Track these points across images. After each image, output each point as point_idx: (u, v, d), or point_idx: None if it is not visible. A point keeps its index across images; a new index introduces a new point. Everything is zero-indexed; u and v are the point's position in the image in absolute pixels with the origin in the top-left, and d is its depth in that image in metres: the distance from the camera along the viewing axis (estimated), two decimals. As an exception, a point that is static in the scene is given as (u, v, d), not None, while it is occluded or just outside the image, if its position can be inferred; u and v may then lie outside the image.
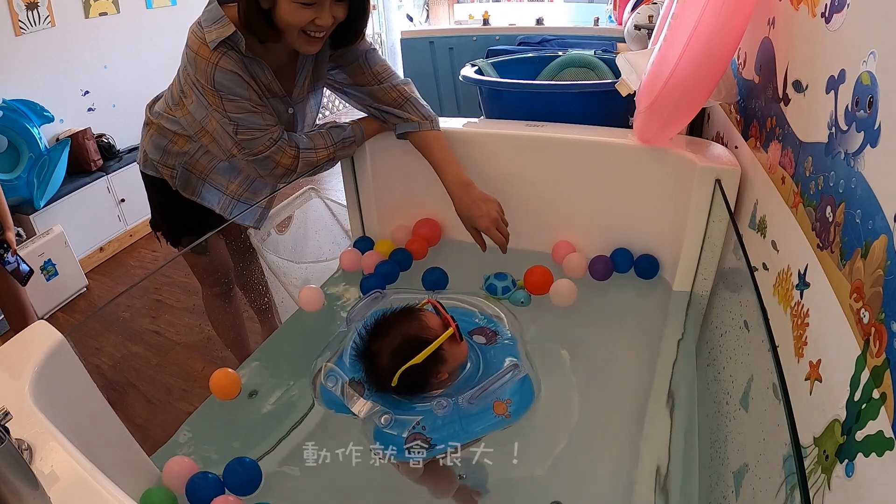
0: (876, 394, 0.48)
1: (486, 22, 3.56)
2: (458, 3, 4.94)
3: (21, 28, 2.53)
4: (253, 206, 1.28)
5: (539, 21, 3.57)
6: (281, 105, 1.15)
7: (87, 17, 2.84)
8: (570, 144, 1.20)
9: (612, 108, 1.47)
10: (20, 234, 2.37)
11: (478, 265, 1.24)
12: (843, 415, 0.53)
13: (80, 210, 2.71)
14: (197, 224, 1.29)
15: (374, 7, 4.98)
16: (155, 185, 1.29)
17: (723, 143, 1.15)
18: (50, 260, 2.45)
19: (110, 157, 2.90)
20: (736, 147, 1.08)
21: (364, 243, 1.34)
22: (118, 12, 2.99)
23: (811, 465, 0.57)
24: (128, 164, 2.87)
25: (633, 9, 2.12)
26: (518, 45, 2.70)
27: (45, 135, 2.58)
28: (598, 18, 3.51)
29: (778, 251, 0.78)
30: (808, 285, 0.66)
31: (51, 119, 2.59)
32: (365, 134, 1.24)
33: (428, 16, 5.16)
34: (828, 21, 0.67)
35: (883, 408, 0.47)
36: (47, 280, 2.44)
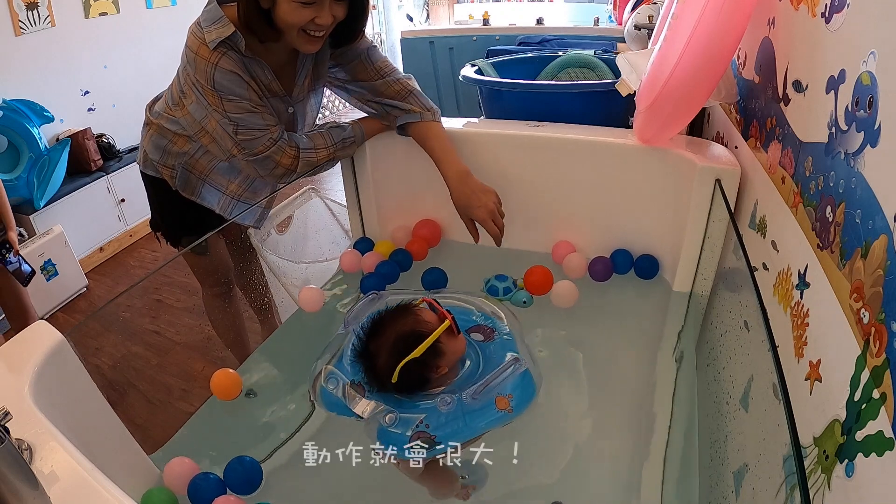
0: (876, 394, 0.48)
1: (486, 22, 3.56)
2: (458, 3, 4.95)
3: (21, 28, 2.53)
4: (253, 206, 1.28)
5: (539, 21, 3.57)
6: (281, 104, 1.15)
7: (87, 17, 2.84)
8: (570, 144, 1.20)
9: (612, 108, 1.47)
10: (22, 234, 2.37)
11: (478, 266, 1.23)
12: (843, 415, 0.53)
13: (80, 210, 2.71)
14: (197, 224, 1.29)
15: (373, 7, 4.98)
16: (155, 186, 1.29)
17: (723, 143, 1.15)
18: (50, 260, 2.45)
19: (110, 157, 2.90)
20: (736, 147, 1.08)
21: (364, 244, 1.34)
22: (118, 12, 2.99)
23: (811, 465, 0.57)
24: (128, 164, 2.87)
25: (633, 9, 2.12)
26: (518, 45, 2.71)
27: (45, 135, 2.58)
28: (598, 18, 3.51)
29: (778, 251, 0.78)
30: (808, 285, 0.66)
31: (51, 119, 2.59)
32: (365, 134, 1.24)
33: (428, 16, 5.16)
34: (828, 21, 0.67)
35: (883, 408, 0.47)
36: (47, 280, 2.44)
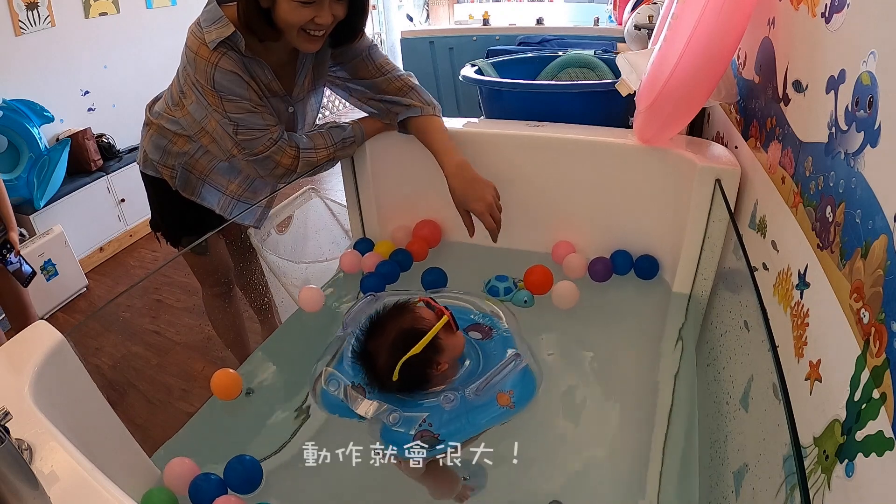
0: (876, 394, 0.48)
1: (486, 22, 3.56)
2: (458, 3, 4.95)
3: (21, 28, 2.53)
4: (253, 206, 1.28)
5: (539, 21, 3.57)
6: (281, 104, 1.15)
7: (87, 17, 2.84)
8: (570, 144, 1.20)
9: (612, 108, 1.47)
10: (23, 234, 2.36)
11: (478, 266, 1.23)
12: (843, 415, 0.53)
13: (80, 210, 2.71)
14: (197, 224, 1.29)
15: (373, 7, 4.98)
16: (155, 186, 1.29)
17: (723, 143, 1.15)
18: (50, 260, 2.45)
19: (110, 157, 2.90)
20: (736, 147, 1.08)
21: (364, 245, 1.34)
22: (118, 12, 2.99)
23: (811, 465, 0.57)
24: (128, 164, 2.87)
25: (633, 9, 2.12)
26: (518, 45, 2.71)
27: (45, 135, 2.58)
28: (598, 18, 3.52)
29: (778, 251, 0.78)
30: (808, 285, 0.66)
31: (51, 119, 2.59)
32: (365, 134, 1.24)
33: (428, 16, 5.16)
34: (828, 21, 0.67)
35: (883, 408, 0.47)
36: (47, 280, 2.44)
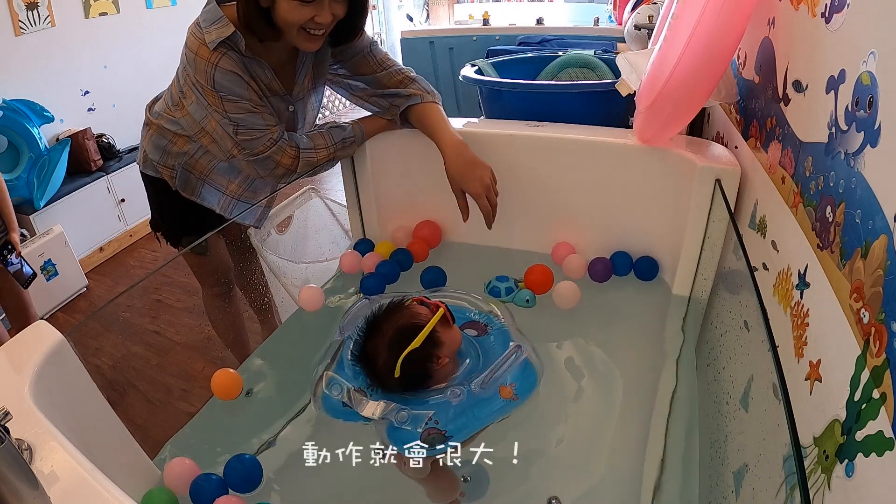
0: (876, 394, 0.48)
1: (486, 22, 3.56)
2: (458, 3, 4.95)
3: (21, 28, 2.53)
4: (254, 206, 1.28)
5: (539, 21, 3.58)
6: (281, 103, 1.15)
7: (87, 17, 2.84)
8: (570, 144, 1.20)
9: (612, 108, 1.47)
10: (24, 235, 2.36)
11: (478, 267, 1.24)
12: (843, 415, 0.53)
13: (80, 210, 2.71)
14: (197, 224, 1.29)
15: (373, 7, 4.98)
16: (155, 186, 1.29)
17: (723, 143, 1.15)
18: (50, 260, 2.45)
19: (110, 157, 2.90)
20: (736, 147, 1.08)
21: (364, 245, 1.33)
22: (118, 12, 3.00)
23: (811, 465, 0.57)
24: (128, 164, 2.87)
25: (633, 9, 2.13)
26: (518, 45, 2.71)
27: (45, 135, 2.58)
28: (598, 18, 3.52)
29: (778, 251, 0.78)
30: (808, 285, 0.66)
31: (51, 119, 2.59)
32: (365, 134, 1.24)
33: (428, 16, 5.17)
34: (828, 21, 0.67)
35: (883, 408, 0.47)
36: (47, 280, 2.44)
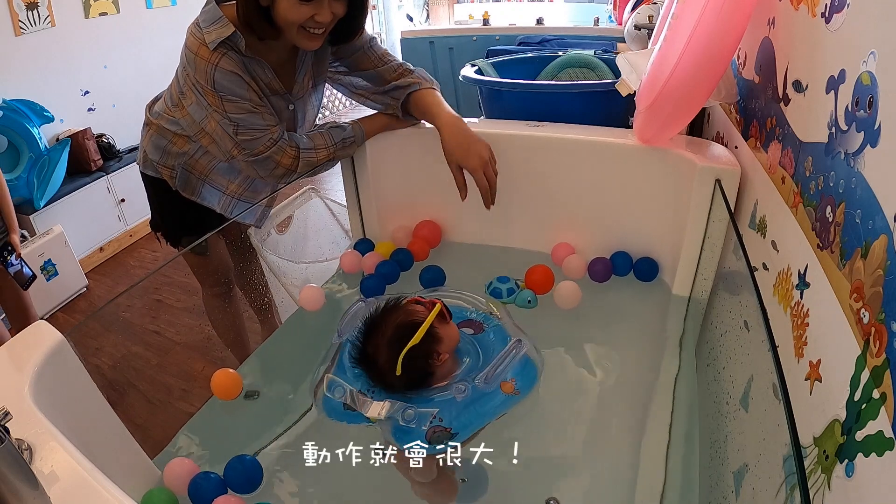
0: (876, 394, 0.48)
1: (486, 22, 3.56)
2: (458, 3, 4.95)
3: (21, 28, 2.53)
4: (254, 206, 1.28)
5: (539, 21, 3.58)
6: (281, 102, 1.15)
7: (87, 17, 2.84)
8: (570, 144, 1.20)
9: (612, 108, 1.47)
10: (25, 236, 2.36)
11: (478, 267, 1.24)
12: (843, 415, 0.53)
13: (80, 210, 2.71)
14: (197, 224, 1.29)
15: (373, 7, 4.98)
16: (155, 186, 1.29)
17: (723, 143, 1.15)
18: (50, 260, 2.45)
19: (110, 157, 2.90)
20: (736, 147, 1.08)
21: (364, 245, 1.34)
22: (118, 12, 3.00)
23: (811, 465, 0.57)
24: (128, 164, 2.87)
25: (633, 9, 2.13)
26: (518, 45, 2.71)
27: (45, 135, 2.58)
28: (598, 18, 3.52)
29: (778, 251, 0.78)
30: (808, 285, 0.66)
31: (51, 119, 2.59)
32: (365, 134, 1.24)
33: (428, 16, 5.17)
34: (828, 21, 0.67)
35: (883, 408, 0.47)
36: (47, 280, 2.44)
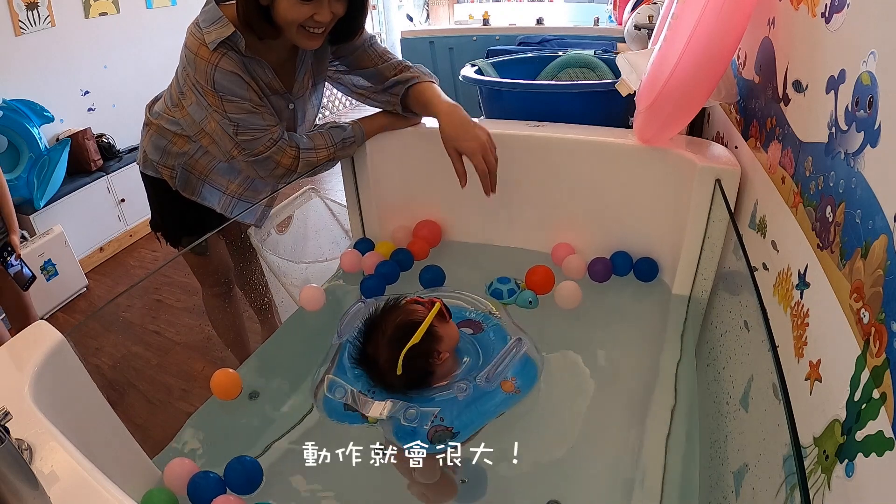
0: (876, 394, 0.48)
1: (486, 22, 3.56)
2: (458, 3, 4.95)
3: (21, 28, 2.53)
4: (254, 205, 1.28)
5: (539, 21, 3.58)
6: (282, 101, 1.15)
7: (87, 17, 2.84)
8: (570, 144, 1.20)
9: (612, 108, 1.47)
10: (25, 237, 2.36)
11: (478, 267, 1.24)
12: (843, 415, 0.53)
13: (80, 210, 2.71)
14: (197, 224, 1.29)
15: (373, 7, 4.98)
16: (155, 186, 1.29)
17: (723, 143, 1.15)
18: (50, 260, 2.45)
19: (110, 157, 2.90)
20: (736, 147, 1.08)
21: (364, 245, 1.34)
22: (118, 12, 2.99)
23: (811, 465, 0.57)
24: (128, 164, 2.87)
25: (633, 9, 2.13)
26: (518, 45, 2.71)
27: (45, 135, 2.58)
28: (598, 18, 3.52)
29: (778, 251, 0.78)
30: (808, 285, 0.66)
31: (51, 119, 2.59)
32: (365, 134, 1.24)
33: (428, 16, 5.17)
34: (828, 21, 0.67)
35: (883, 408, 0.47)
36: (47, 280, 2.44)
